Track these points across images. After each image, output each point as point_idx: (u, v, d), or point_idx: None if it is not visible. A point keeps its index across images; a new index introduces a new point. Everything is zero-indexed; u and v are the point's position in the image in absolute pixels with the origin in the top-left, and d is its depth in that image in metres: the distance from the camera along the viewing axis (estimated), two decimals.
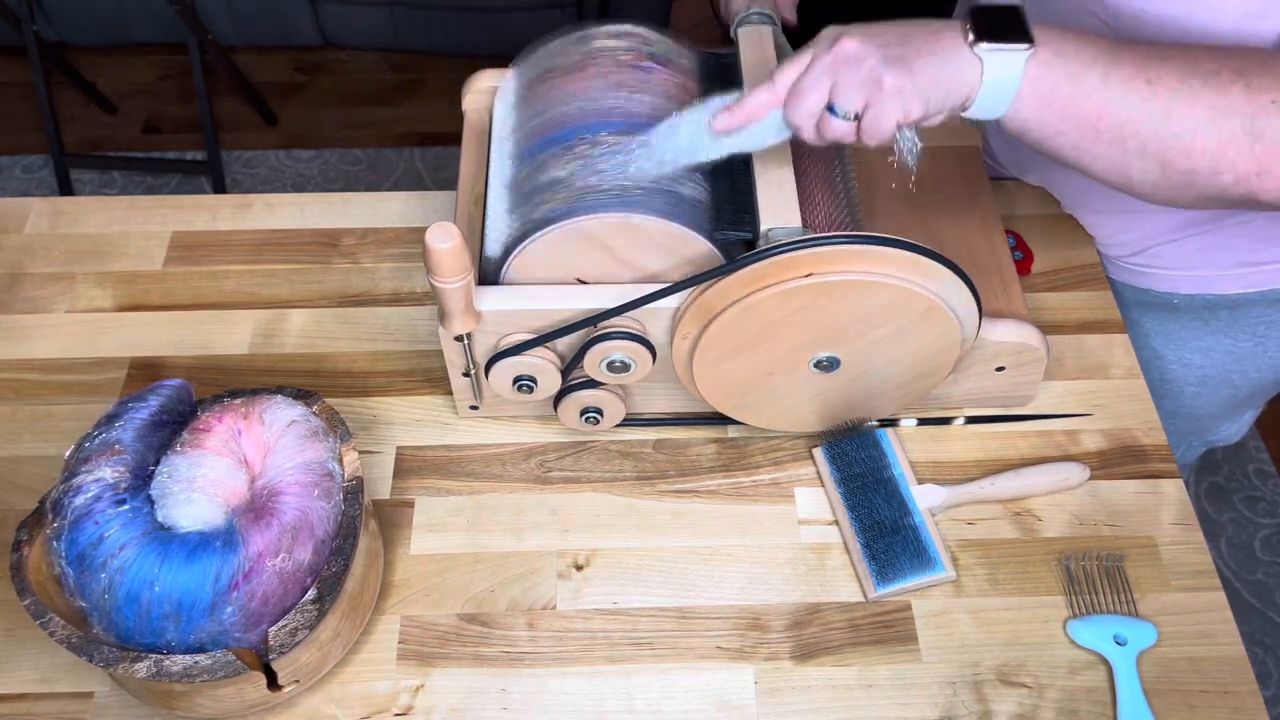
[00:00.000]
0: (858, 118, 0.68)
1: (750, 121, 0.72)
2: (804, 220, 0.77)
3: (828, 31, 0.69)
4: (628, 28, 0.86)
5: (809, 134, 0.71)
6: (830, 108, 0.68)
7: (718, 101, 0.74)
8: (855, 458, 0.85)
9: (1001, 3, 0.68)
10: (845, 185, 0.88)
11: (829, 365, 0.79)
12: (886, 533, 0.81)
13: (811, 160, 0.87)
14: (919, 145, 0.70)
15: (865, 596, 0.80)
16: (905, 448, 0.87)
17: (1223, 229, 0.91)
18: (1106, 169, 0.70)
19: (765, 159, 0.79)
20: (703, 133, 0.74)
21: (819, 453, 0.87)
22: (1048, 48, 0.66)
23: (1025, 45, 0.66)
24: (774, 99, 0.71)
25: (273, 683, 0.71)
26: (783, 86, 0.70)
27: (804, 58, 0.69)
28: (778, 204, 0.77)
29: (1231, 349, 0.99)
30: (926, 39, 0.67)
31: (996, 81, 0.66)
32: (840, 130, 0.69)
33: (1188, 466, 1.22)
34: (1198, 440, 1.14)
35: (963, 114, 0.69)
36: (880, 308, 0.74)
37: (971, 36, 0.66)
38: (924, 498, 0.83)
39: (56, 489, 0.69)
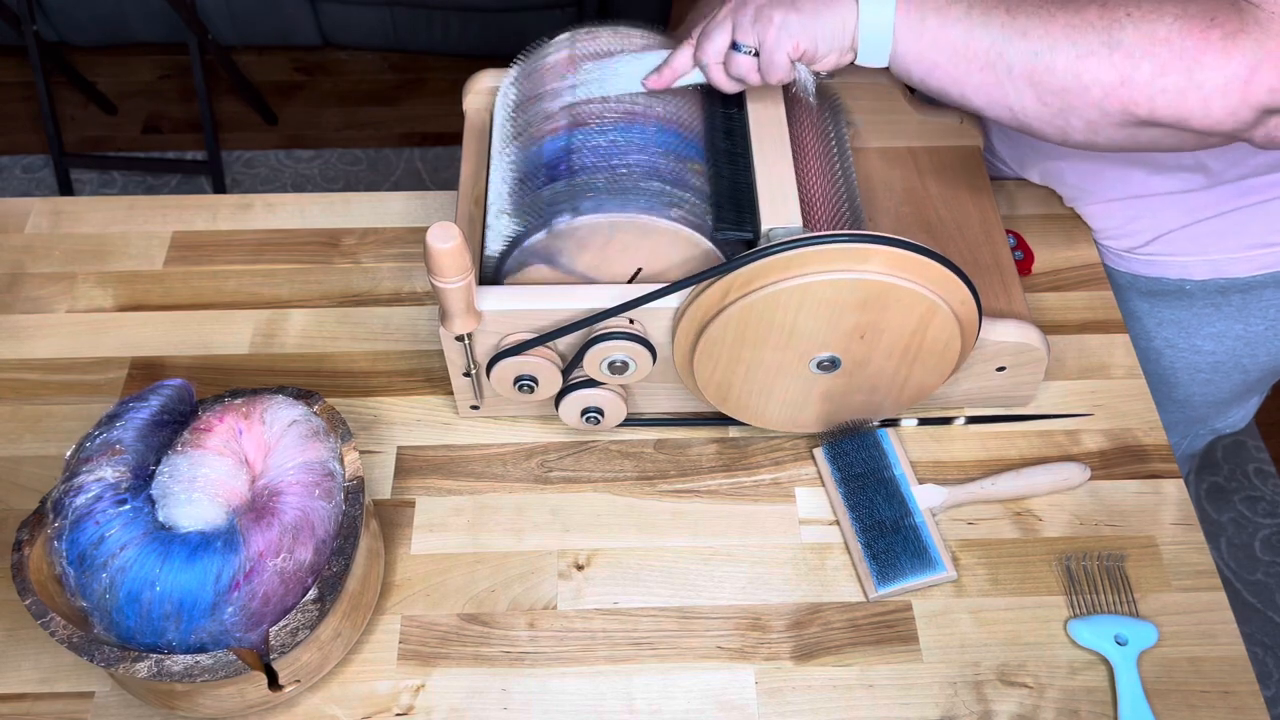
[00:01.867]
0: (757, 54, 0.76)
1: (676, 80, 0.81)
2: (804, 220, 0.77)
3: None
4: (628, 28, 0.86)
5: (717, 74, 0.79)
6: (734, 45, 0.76)
7: (651, 58, 0.83)
8: (856, 458, 0.85)
9: None
10: (846, 185, 0.88)
11: (829, 365, 0.79)
12: (887, 533, 0.81)
13: (812, 160, 0.88)
14: (813, 78, 0.77)
15: (866, 596, 0.80)
16: (906, 448, 0.87)
17: (1235, 212, 0.91)
18: (985, 98, 0.74)
19: (765, 159, 0.80)
20: (634, 82, 0.83)
21: (819, 453, 0.87)
22: None
23: None
24: (691, 54, 0.80)
25: (273, 683, 0.71)
26: (699, 39, 0.79)
27: (717, 11, 0.78)
28: (778, 203, 0.77)
29: (1243, 334, 0.99)
30: None
31: (872, 18, 0.73)
32: (743, 66, 0.77)
33: (1194, 456, 1.22)
34: (1205, 429, 1.14)
35: (855, 60, 0.76)
36: (880, 308, 0.74)
37: None
38: (925, 498, 0.83)
39: (57, 489, 0.69)
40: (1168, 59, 0.66)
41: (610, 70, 0.83)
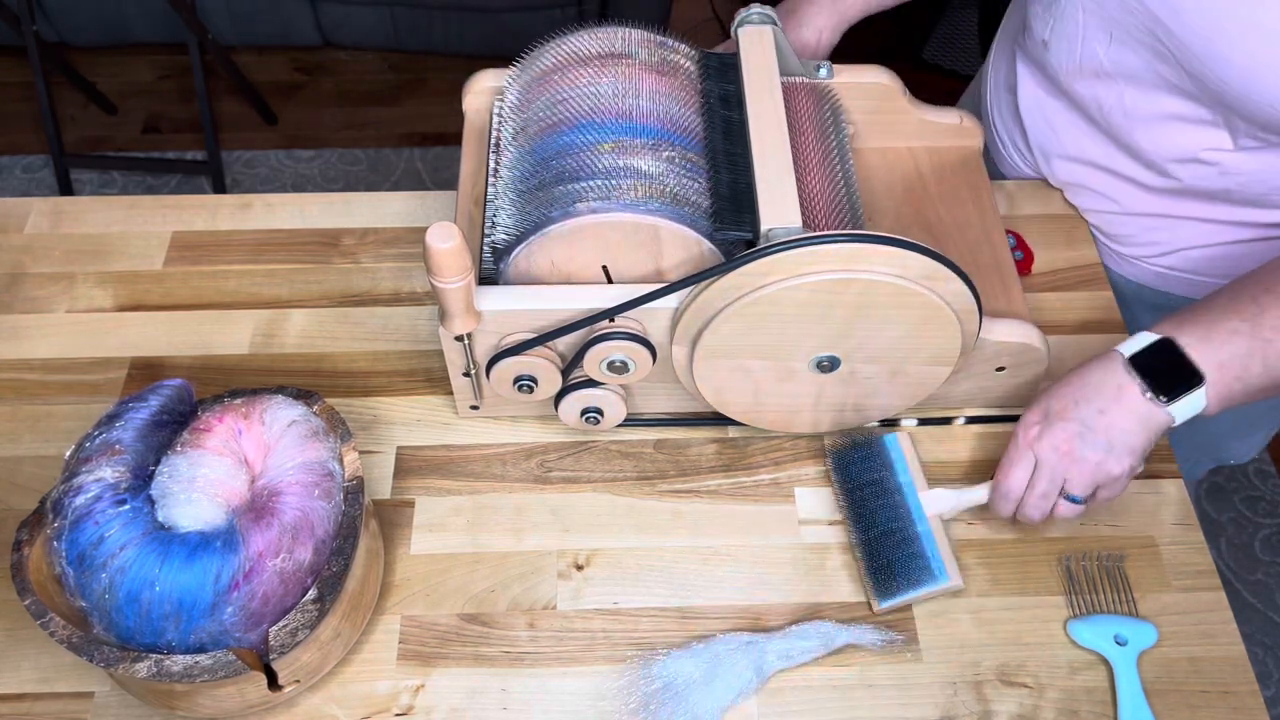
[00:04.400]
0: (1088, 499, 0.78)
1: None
2: (804, 220, 0.77)
3: (1030, 421, 0.77)
4: (626, 28, 0.86)
5: (1039, 519, 0.79)
6: (1069, 496, 0.77)
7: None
8: (860, 466, 0.85)
9: (1148, 340, 0.74)
10: (846, 184, 0.88)
11: (829, 365, 0.79)
12: (889, 544, 0.81)
13: (811, 160, 0.88)
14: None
15: (871, 609, 0.80)
16: (916, 450, 0.87)
17: (1261, 243, 0.90)
18: None
19: (765, 158, 0.79)
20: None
21: (829, 460, 0.86)
22: (1209, 365, 0.73)
23: (1200, 384, 0.72)
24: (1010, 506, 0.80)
25: (273, 683, 0.71)
26: (1014, 492, 0.79)
27: (1023, 459, 0.77)
28: (778, 203, 0.77)
29: None
30: (1119, 413, 0.74)
31: (1187, 413, 0.74)
32: (1074, 512, 0.78)
33: (1193, 484, 1.21)
34: (1208, 459, 1.14)
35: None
36: (880, 307, 0.74)
37: (1149, 395, 0.73)
38: (932, 504, 0.83)
39: (57, 489, 0.69)
40: None
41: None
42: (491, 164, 0.86)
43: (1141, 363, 0.74)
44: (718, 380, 0.81)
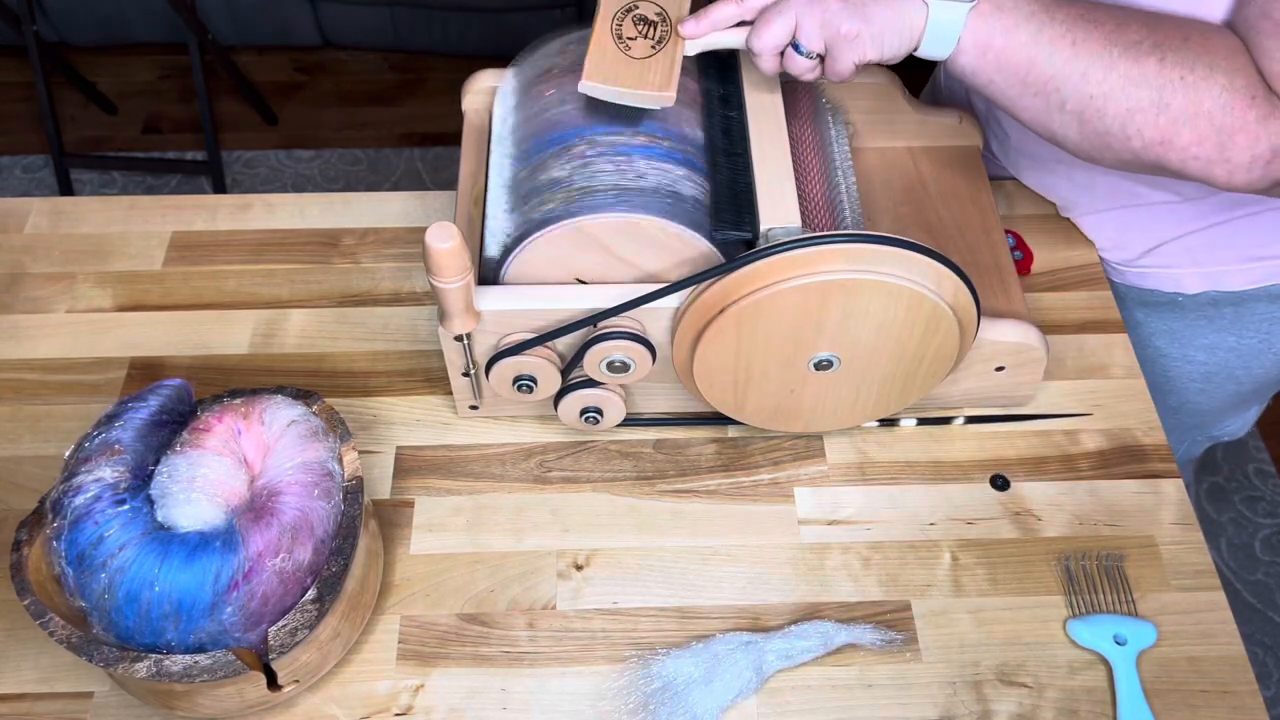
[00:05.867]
0: (820, 57, 0.75)
1: (714, 29, 0.77)
2: (803, 220, 0.77)
3: None
4: None
5: (769, 64, 0.76)
6: (794, 44, 0.74)
7: None
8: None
9: None
10: (845, 185, 0.88)
11: (828, 365, 0.79)
12: None
13: (811, 159, 0.88)
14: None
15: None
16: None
17: (1229, 224, 0.91)
18: (1032, 120, 0.75)
19: (765, 158, 0.80)
20: None
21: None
22: (989, 1, 0.72)
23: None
24: (739, 12, 0.76)
25: (273, 683, 0.71)
26: (751, 6, 0.75)
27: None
28: (777, 203, 0.77)
29: (1236, 346, 0.99)
30: None
31: (940, 27, 0.72)
32: (801, 66, 0.75)
33: (1192, 461, 1.22)
34: (1202, 435, 1.14)
35: (911, 53, 0.75)
36: (879, 307, 0.74)
37: None
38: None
39: (56, 489, 0.69)
40: (1205, 132, 0.70)
41: None
42: (490, 164, 0.86)
43: None
44: (717, 380, 0.81)
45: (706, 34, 0.77)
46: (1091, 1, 0.74)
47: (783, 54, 0.76)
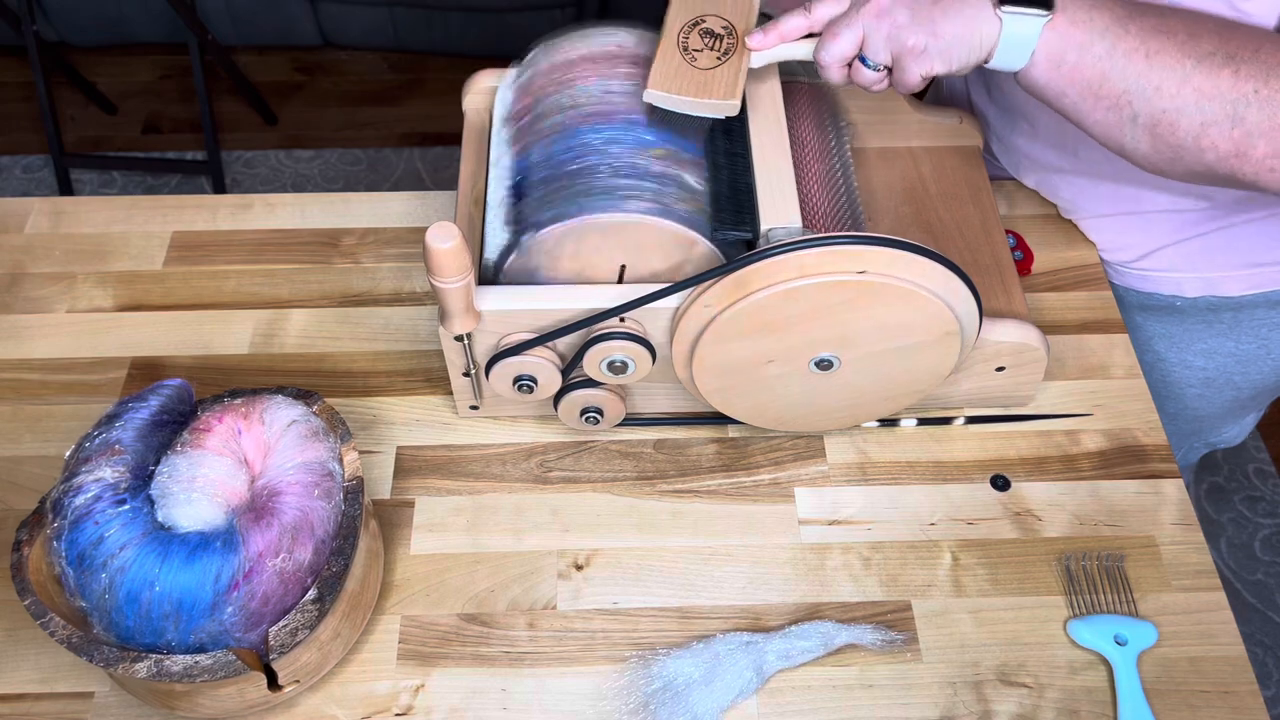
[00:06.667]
0: (887, 69, 0.74)
1: (782, 41, 0.77)
2: (804, 220, 0.77)
3: None
4: (627, 28, 0.86)
5: (835, 75, 0.76)
6: (861, 57, 0.74)
7: None
8: None
9: None
10: (846, 185, 0.88)
11: (828, 365, 0.79)
12: None
13: (811, 160, 0.88)
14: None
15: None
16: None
17: (1229, 229, 0.91)
18: (1103, 133, 0.74)
19: (765, 159, 0.80)
20: None
21: None
22: (1064, 14, 0.70)
23: (1044, 12, 0.70)
24: (808, 25, 0.76)
25: (273, 683, 0.71)
26: (819, 18, 0.75)
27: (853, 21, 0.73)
28: (778, 204, 0.77)
29: (1234, 351, 0.99)
30: None
31: (1013, 42, 0.71)
32: (869, 79, 0.75)
33: (1189, 468, 1.22)
34: (1199, 442, 1.14)
35: (981, 64, 0.73)
36: (880, 308, 0.74)
37: None
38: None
39: (56, 489, 0.69)
40: None
41: None
42: (490, 164, 0.86)
43: None
44: (717, 380, 0.81)
45: (774, 45, 0.77)
46: (1163, 6, 0.73)
47: (850, 66, 0.75)
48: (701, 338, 0.77)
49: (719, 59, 0.77)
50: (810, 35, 0.76)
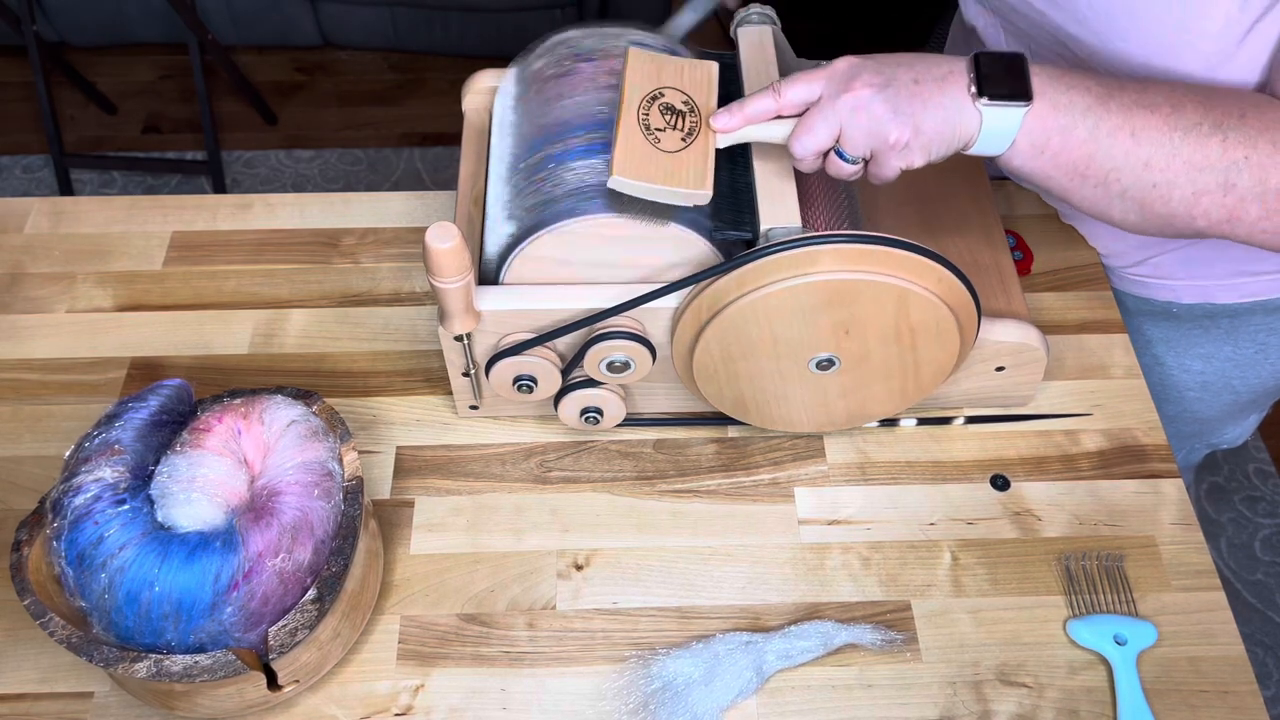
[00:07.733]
0: (864, 160, 0.72)
1: (748, 124, 0.74)
2: (803, 220, 0.77)
3: (841, 64, 0.71)
4: (627, 29, 0.86)
5: (809, 167, 0.73)
6: (838, 150, 0.71)
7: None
8: None
9: (1005, 51, 0.70)
10: (845, 185, 0.88)
11: (828, 365, 0.79)
12: None
13: None
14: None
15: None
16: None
17: (1217, 239, 0.91)
18: (1091, 208, 0.73)
19: (765, 158, 0.79)
20: None
21: None
22: (1044, 100, 0.69)
23: (1024, 103, 0.68)
24: (777, 108, 0.72)
25: (273, 683, 0.71)
26: (789, 102, 0.72)
27: (815, 82, 0.71)
28: (777, 203, 0.77)
29: (1232, 356, 0.99)
30: (934, 87, 0.69)
31: (995, 132, 0.69)
32: (845, 171, 0.72)
33: (1191, 469, 1.22)
34: (1201, 443, 1.14)
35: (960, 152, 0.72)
36: (880, 308, 0.74)
37: (974, 89, 0.68)
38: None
39: (56, 489, 0.69)
40: (1275, 206, 0.69)
41: None
42: (490, 164, 0.86)
43: (983, 64, 0.69)
44: (717, 380, 0.81)
45: (740, 128, 0.74)
46: (1141, 81, 0.72)
47: (824, 156, 0.72)
48: (701, 337, 0.77)
49: (684, 140, 0.74)
50: (780, 117, 0.73)
